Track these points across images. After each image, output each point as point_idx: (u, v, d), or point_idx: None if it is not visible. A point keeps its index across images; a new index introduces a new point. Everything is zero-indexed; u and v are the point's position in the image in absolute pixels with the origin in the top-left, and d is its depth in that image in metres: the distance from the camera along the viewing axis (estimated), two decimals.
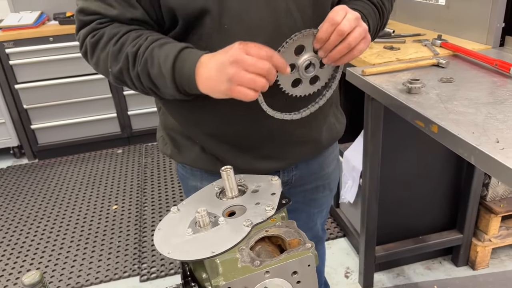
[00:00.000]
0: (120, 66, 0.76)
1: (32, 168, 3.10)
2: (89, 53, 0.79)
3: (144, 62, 0.74)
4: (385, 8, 0.92)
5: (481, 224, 1.82)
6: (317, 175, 1.05)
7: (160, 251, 0.64)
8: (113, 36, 0.75)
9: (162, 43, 0.74)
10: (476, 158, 0.85)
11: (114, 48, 0.75)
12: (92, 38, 0.77)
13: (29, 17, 2.96)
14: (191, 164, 0.97)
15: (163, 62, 0.72)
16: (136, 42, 0.74)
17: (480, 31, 1.54)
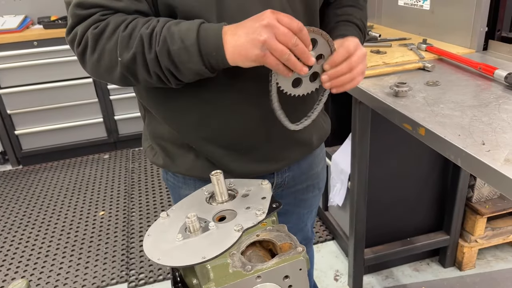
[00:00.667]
0: (134, 51, 0.71)
1: (16, 174, 3.04)
2: (91, 46, 0.73)
3: (163, 40, 0.70)
4: (366, 32, 1.00)
5: (467, 225, 1.84)
6: (307, 175, 1.07)
7: (150, 257, 0.63)
8: (121, 23, 0.72)
9: (177, 21, 0.72)
10: (462, 160, 0.87)
11: (124, 34, 0.71)
12: (95, 29, 0.72)
13: (12, 21, 2.91)
14: (185, 173, 0.95)
15: (185, 35, 0.69)
16: (149, 25, 0.71)
17: (464, 35, 1.57)
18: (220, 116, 0.86)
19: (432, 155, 1.72)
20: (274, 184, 1.01)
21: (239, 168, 0.91)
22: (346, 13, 0.96)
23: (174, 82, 0.75)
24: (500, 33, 1.53)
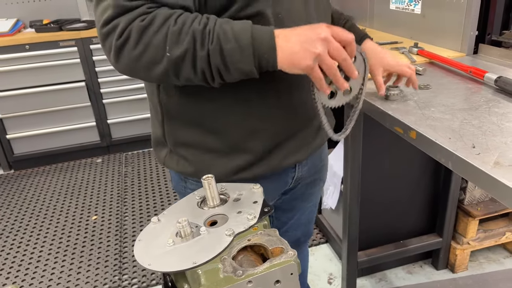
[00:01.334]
0: (185, 48, 0.68)
1: (8, 179, 3.02)
2: (134, 39, 0.68)
3: (217, 38, 0.68)
4: None
5: (459, 228, 1.85)
6: (316, 168, 1.09)
7: (141, 263, 0.62)
8: (169, 17, 0.69)
9: (228, 20, 0.71)
10: (453, 163, 0.87)
11: (174, 29, 0.68)
12: (141, 22, 0.68)
13: (4, 24, 2.89)
14: (195, 175, 0.91)
15: (239, 35, 0.68)
16: (200, 21, 0.69)
17: (454, 39, 1.58)
18: (261, 111, 0.87)
19: (424, 158, 1.73)
20: (294, 177, 1.02)
21: (267, 163, 0.91)
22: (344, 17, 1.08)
23: (218, 81, 0.73)
24: (490, 37, 1.55)
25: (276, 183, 0.99)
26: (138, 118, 3.17)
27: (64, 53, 2.87)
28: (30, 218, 2.51)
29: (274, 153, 0.92)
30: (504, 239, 1.87)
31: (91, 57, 2.92)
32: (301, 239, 1.24)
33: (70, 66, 2.91)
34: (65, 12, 3.20)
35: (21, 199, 2.73)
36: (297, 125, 0.94)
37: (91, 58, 2.93)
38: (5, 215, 2.56)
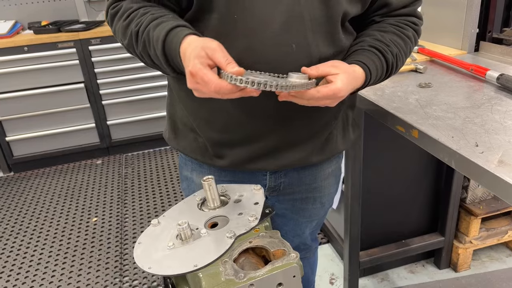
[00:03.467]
0: (127, 43, 0.79)
1: (7, 181, 3.01)
2: (109, 22, 0.83)
3: (143, 43, 0.76)
4: (394, 68, 0.90)
5: (461, 227, 1.84)
6: (308, 187, 1.03)
7: (141, 266, 0.62)
8: (125, 12, 0.79)
9: (158, 23, 0.75)
10: (456, 162, 0.86)
11: (123, 24, 0.78)
12: (112, 10, 0.81)
13: (2, 26, 2.88)
14: (182, 151, 0.98)
15: (156, 44, 0.74)
16: (139, 21, 0.76)
17: (455, 37, 1.57)
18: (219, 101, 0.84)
19: (425, 157, 1.72)
20: (266, 186, 0.99)
21: (230, 157, 0.90)
22: (384, 39, 0.88)
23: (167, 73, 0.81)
24: (491, 35, 1.54)
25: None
26: (138, 119, 3.16)
27: (63, 54, 2.86)
28: (30, 221, 2.50)
29: (233, 150, 0.90)
30: (506, 237, 1.86)
31: (90, 58, 2.91)
32: (299, 247, 1.21)
33: (69, 67, 2.90)
34: (64, 14, 3.19)
35: (21, 202, 2.72)
36: (256, 128, 0.88)
37: (90, 59, 2.92)
38: (5, 218, 2.55)
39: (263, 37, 0.77)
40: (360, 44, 0.87)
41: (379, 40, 0.86)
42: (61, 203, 2.67)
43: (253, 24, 0.77)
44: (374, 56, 0.84)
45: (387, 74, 0.89)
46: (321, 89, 0.72)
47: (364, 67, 0.81)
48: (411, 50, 0.94)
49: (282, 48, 0.78)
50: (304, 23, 0.79)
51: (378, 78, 0.87)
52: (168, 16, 0.77)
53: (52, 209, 2.61)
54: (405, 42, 0.90)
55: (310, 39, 0.80)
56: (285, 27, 0.78)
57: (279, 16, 0.77)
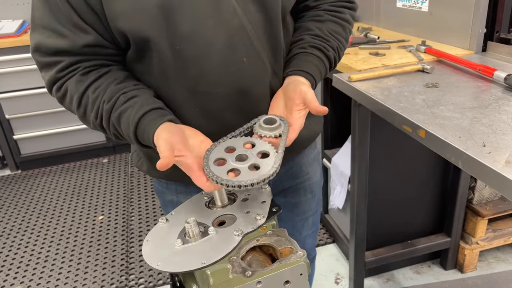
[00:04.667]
0: (92, 128, 0.78)
1: (15, 179, 3.03)
2: (60, 102, 0.79)
3: (114, 134, 0.76)
4: (336, 61, 0.90)
5: (468, 227, 1.83)
6: (296, 175, 1.04)
7: (149, 263, 0.62)
8: (73, 99, 0.75)
9: (119, 115, 0.73)
10: (463, 162, 0.86)
11: (79, 112, 0.76)
12: (57, 93, 0.76)
13: (10, 25, 2.91)
14: (166, 178, 0.94)
15: (128, 137, 0.74)
16: (97, 113, 0.74)
17: (462, 37, 1.57)
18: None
19: (432, 157, 1.72)
20: None
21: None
22: (323, 33, 0.86)
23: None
24: (499, 35, 1.53)
25: None
26: None
27: None
28: (38, 218, 2.53)
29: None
30: None
31: None
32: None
33: None
34: None
35: (28, 199, 2.74)
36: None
37: None
38: (13, 215, 2.57)
39: (211, 61, 0.74)
40: (301, 44, 0.85)
41: (318, 36, 0.86)
42: (68, 201, 2.69)
43: (197, 51, 0.73)
44: (316, 59, 0.84)
45: (330, 69, 0.90)
46: (290, 135, 0.73)
47: (309, 76, 0.82)
48: (351, 32, 0.94)
49: (234, 66, 0.75)
50: (248, 33, 0.75)
51: (322, 77, 0.88)
52: (120, 98, 0.73)
53: (59, 207, 2.63)
54: (344, 28, 0.90)
55: (258, 47, 0.77)
56: (231, 44, 0.74)
57: (221, 34, 0.73)
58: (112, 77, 0.75)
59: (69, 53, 0.73)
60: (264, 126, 0.74)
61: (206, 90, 0.76)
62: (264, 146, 0.71)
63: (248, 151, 0.70)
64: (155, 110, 0.72)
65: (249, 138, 0.73)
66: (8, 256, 2.21)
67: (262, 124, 0.74)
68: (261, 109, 0.80)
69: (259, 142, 0.72)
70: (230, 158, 0.69)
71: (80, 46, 0.73)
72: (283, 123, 0.74)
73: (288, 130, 0.73)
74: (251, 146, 0.72)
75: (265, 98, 0.82)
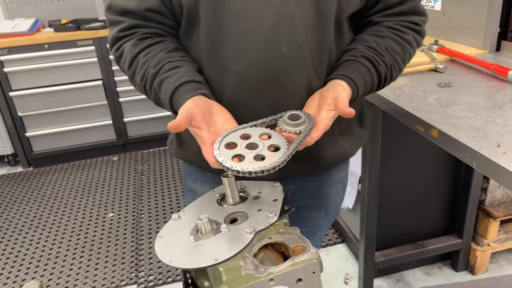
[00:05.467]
0: (138, 89, 0.84)
1: (27, 176, 3.07)
2: (116, 62, 0.86)
3: (154, 99, 0.81)
4: (387, 80, 0.85)
5: (479, 229, 1.81)
6: (313, 194, 0.99)
7: (162, 259, 0.62)
8: (126, 58, 0.82)
9: (160, 81, 0.77)
10: (477, 162, 0.85)
11: (129, 73, 0.83)
12: (116, 52, 0.83)
13: (23, 24, 2.94)
14: (186, 160, 0.98)
15: (165, 104, 0.78)
16: (143, 76, 0.79)
17: (476, 36, 1.55)
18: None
19: (443, 157, 1.70)
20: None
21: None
22: (378, 47, 0.82)
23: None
24: None
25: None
26: (154, 116, 3.19)
27: (82, 52, 2.91)
28: (49, 215, 2.55)
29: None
30: None
31: (108, 56, 2.95)
32: None
33: (87, 65, 2.95)
34: (83, 12, 3.24)
35: (40, 196, 2.78)
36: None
37: (108, 57, 2.96)
38: (25, 211, 2.61)
39: (252, 42, 0.75)
40: (352, 53, 0.82)
41: (373, 49, 0.82)
42: (79, 198, 2.71)
43: (241, 30, 0.75)
44: (364, 69, 0.80)
45: (380, 86, 0.85)
46: (313, 135, 0.72)
47: (351, 82, 0.78)
48: (412, 55, 0.88)
49: (271, 52, 0.76)
50: (294, 24, 0.75)
51: (368, 91, 0.83)
52: (165, 66, 0.77)
53: (70, 204, 2.65)
54: (404, 48, 0.85)
55: (301, 41, 0.77)
56: (274, 30, 0.75)
57: (267, 19, 0.74)
58: (163, 46, 0.80)
59: (133, 14, 0.80)
60: (287, 121, 0.73)
61: (238, 70, 0.77)
62: (279, 140, 0.71)
63: (261, 142, 0.70)
64: (192, 82, 0.75)
65: (268, 130, 0.73)
66: (20, 252, 2.24)
67: (286, 119, 0.73)
68: (291, 104, 0.79)
69: (276, 136, 0.72)
70: (241, 144, 0.69)
71: (144, 9, 0.79)
72: (308, 120, 0.73)
73: (311, 128, 0.71)
74: (267, 138, 0.71)
75: (298, 94, 0.80)
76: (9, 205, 2.69)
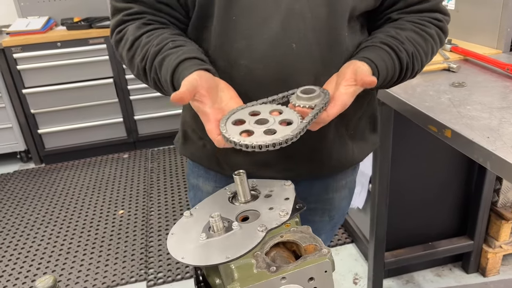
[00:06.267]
0: (136, 74, 0.80)
1: (39, 172, 3.11)
2: (115, 47, 0.82)
3: (154, 80, 0.77)
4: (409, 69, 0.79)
5: (491, 231, 1.79)
6: (318, 198, 0.97)
7: (174, 256, 0.63)
8: (127, 41, 0.78)
9: (162, 59, 0.73)
10: (492, 163, 0.84)
11: (128, 55, 0.79)
12: (117, 35, 0.80)
13: (36, 22, 2.98)
14: (191, 157, 0.96)
15: (165, 82, 0.74)
16: (144, 56, 0.76)
17: (490, 35, 1.53)
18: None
19: (456, 158, 1.68)
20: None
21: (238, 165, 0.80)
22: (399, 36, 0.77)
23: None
24: None
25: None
26: (164, 114, 3.21)
27: (94, 50, 2.93)
28: (60, 211, 2.58)
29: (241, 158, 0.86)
30: None
31: None
32: None
33: (99, 63, 2.97)
34: (95, 10, 3.26)
35: (51, 192, 2.81)
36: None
37: None
38: (37, 207, 2.64)
39: (261, 37, 0.75)
40: (371, 40, 0.78)
41: (393, 37, 0.77)
42: (89, 195, 2.74)
43: (251, 25, 0.75)
44: (385, 54, 0.75)
45: (402, 75, 0.79)
46: (330, 110, 0.68)
47: (372, 64, 0.73)
48: (435, 51, 0.83)
49: (281, 48, 0.75)
50: (305, 22, 0.74)
51: (390, 79, 0.77)
52: (168, 44, 0.74)
53: (81, 201, 2.68)
54: (426, 40, 0.80)
55: (311, 39, 0.75)
56: (284, 26, 0.74)
57: (278, 15, 0.73)
58: (168, 30, 0.79)
59: (143, 2, 0.78)
60: (300, 95, 0.68)
61: (245, 64, 0.76)
62: (291, 114, 0.66)
63: (272, 117, 0.67)
64: (195, 59, 0.72)
65: (279, 106, 0.69)
66: (32, 247, 2.27)
67: (299, 93, 0.68)
68: None
69: (288, 111, 0.67)
70: (249, 120, 0.66)
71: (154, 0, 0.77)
72: (324, 94, 0.68)
73: (327, 102, 0.67)
74: (278, 114, 0.68)
75: None
76: (21, 201, 2.73)
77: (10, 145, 3.13)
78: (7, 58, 2.83)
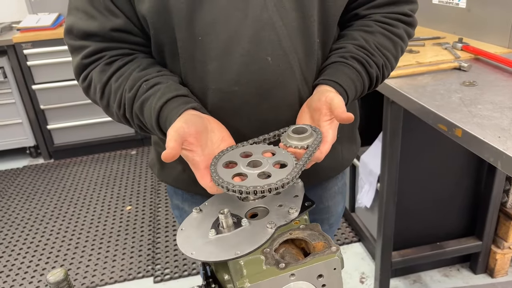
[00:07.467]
0: (116, 120, 0.77)
1: (48, 168, 3.14)
2: (85, 94, 0.78)
3: (138, 126, 0.74)
4: (379, 81, 0.79)
5: (500, 231, 1.78)
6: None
7: (184, 251, 0.63)
8: (96, 89, 0.74)
9: (141, 104, 0.69)
10: (503, 163, 0.83)
11: (102, 103, 0.75)
12: (83, 83, 0.76)
13: (47, 18, 3.00)
14: (171, 184, 0.91)
15: (152, 129, 0.71)
16: (120, 103, 0.72)
17: (502, 34, 1.51)
18: None
19: (465, 157, 1.67)
20: None
21: None
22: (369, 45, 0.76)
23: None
24: None
25: None
26: None
27: None
28: (69, 206, 2.61)
29: None
30: None
31: None
32: None
33: None
34: None
35: (60, 188, 2.83)
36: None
37: None
38: (45, 202, 2.67)
39: (233, 56, 0.69)
40: (341, 53, 0.76)
41: (363, 48, 0.75)
42: (98, 191, 2.76)
43: (220, 44, 0.69)
44: (354, 73, 0.74)
45: (370, 88, 0.79)
46: (323, 148, 0.66)
47: (340, 89, 0.72)
48: (404, 49, 0.82)
49: (256, 64, 0.69)
50: (277, 31, 0.69)
51: (358, 95, 0.77)
52: (142, 86, 0.69)
53: (89, 196, 2.70)
54: (395, 44, 0.79)
55: (286, 48, 0.70)
56: (255, 40, 0.68)
57: (246, 29, 0.68)
58: (135, 65, 0.73)
59: (97, 37, 0.72)
60: (292, 135, 0.67)
61: (221, 88, 0.71)
62: (285, 156, 0.65)
63: (265, 159, 0.65)
64: (178, 97, 0.68)
65: (271, 147, 0.68)
66: (41, 241, 2.29)
67: (291, 133, 0.67)
68: (283, 119, 0.73)
69: (281, 152, 0.66)
70: (242, 163, 0.64)
71: (109, 29, 0.71)
72: (316, 133, 0.67)
73: (320, 141, 0.66)
74: (271, 155, 0.66)
75: (289, 107, 0.74)
76: (31, 196, 2.76)
77: (19, 140, 3.16)
78: (18, 54, 2.86)
